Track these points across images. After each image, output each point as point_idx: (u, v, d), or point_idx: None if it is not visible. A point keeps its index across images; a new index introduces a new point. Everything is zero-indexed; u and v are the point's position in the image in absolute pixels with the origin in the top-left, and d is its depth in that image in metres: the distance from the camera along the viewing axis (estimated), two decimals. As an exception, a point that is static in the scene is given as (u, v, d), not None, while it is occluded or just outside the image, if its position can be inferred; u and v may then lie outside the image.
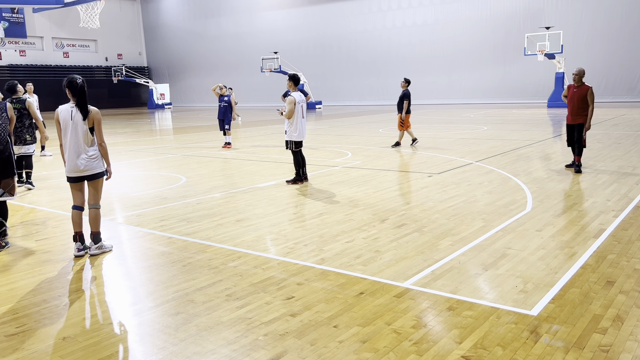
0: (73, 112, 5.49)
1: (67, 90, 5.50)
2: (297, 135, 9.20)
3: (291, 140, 9.23)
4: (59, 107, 5.56)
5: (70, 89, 5.48)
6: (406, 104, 13.54)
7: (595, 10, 32.53)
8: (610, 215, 6.55)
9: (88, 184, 5.65)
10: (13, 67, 45.13)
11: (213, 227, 6.55)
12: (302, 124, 9.26)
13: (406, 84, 13.68)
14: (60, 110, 5.53)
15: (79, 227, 5.61)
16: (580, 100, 9.42)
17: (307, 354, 3.40)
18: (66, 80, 5.53)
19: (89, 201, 5.71)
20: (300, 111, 9.18)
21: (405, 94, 13.59)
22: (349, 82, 41.83)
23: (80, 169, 5.52)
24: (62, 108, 5.53)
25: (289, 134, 9.22)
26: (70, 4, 28.71)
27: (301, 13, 44.51)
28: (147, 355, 3.47)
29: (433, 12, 38.43)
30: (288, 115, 9.05)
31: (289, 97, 9.16)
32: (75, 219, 5.61)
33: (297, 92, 9.30)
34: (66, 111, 5.51)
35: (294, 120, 9.12)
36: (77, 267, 5.28)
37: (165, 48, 54.14)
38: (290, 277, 4.77)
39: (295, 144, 9.25)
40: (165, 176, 10.63)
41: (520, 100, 35.06)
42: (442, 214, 6.82)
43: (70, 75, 5.61)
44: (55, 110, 5.60)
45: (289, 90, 9.38)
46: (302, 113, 9.24)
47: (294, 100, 9.07)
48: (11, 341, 3.73)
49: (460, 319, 3.84)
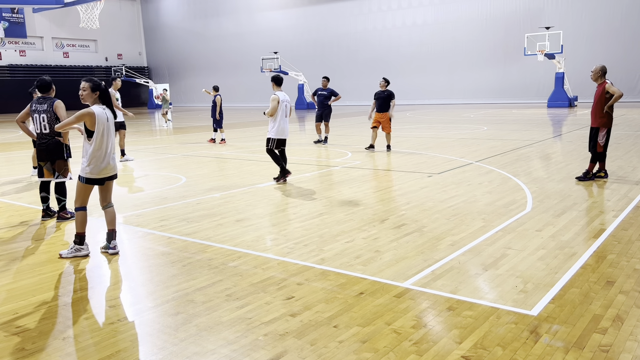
0: (108, 114, 5.52)
1: (98, 92, 5.49)
2: (278, 133, 9.38)
3: (272, 138, 9.40)
4: (94, 108, 5.43)
5: (100, 91, 5.51)
6: (393, 103, 13.18)
7: (595, 10, 32.54)
8: (610, 215, 6.55)
9: (108, 183, 5.70)
10: (13, 67, 45.11)
11: (213, 227, 6.55)
12: (285, 122, 9.43)
13: (387, 84, 13.32)
14: (97, 112, 5.41)
15: (85, 228, 5.64)
16: (597, 99, 8.60)
17: (307, 354, 3.40)
18: (97, 81, 5.53)
19: (107, 200, 5.74)
20: (283, 110, 9.33)
21: (392, 94, 13.19)
22: (349, 82, 41.78)
23: (115, 169, 5.68)
24: (98, 109, 5.43)
25: (270, 131, 9.43)
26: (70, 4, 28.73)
27: (301, 13, 44.50)
28: (147, 355, 3.47)
29: (433, 12, 38.43)
30: (270, 112, 9.23)
31: (272, 95, 9.34)
32: (85, 220, 5.62)
33: (282, 92, 9.46)
34: (102, 113, 5.46)
35: (277, 118, 9.29)
36: (77, 267, 5.28)
37: (165, 48, 54.12)
38: (290, 277, 4.77)
39: (276, 143, 9.44)
40: (165, 176, 10.62)
41: (520, 100, 35.07)
42: (442, 214, 6.82)
43: (93, 77, 5.63)
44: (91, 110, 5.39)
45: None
46: (285, 112, 9.39)
47: (277, 98, 9.24)
48: (11, 341, 3.73)
49: (460, 319, 3.84)
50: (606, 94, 8.52)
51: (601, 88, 8.57)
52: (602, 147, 8.67)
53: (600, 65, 8.61)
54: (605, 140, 8.68)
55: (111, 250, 5.65)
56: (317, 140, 15.43)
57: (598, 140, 8.67)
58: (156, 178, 10.51)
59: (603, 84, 8.55)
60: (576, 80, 30.60)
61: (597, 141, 8.67)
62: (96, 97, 5.50)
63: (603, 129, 8.67)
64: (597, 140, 8.67)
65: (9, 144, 18.55)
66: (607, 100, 8.53)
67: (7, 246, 6.08)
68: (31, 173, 10.99)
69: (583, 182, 8.62)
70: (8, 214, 7.64)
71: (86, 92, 5.47)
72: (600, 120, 8.65)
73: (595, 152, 8.72)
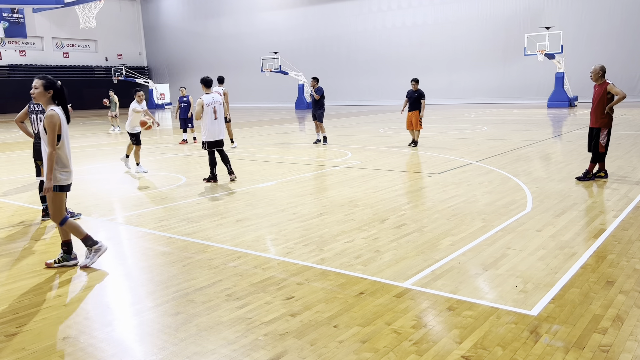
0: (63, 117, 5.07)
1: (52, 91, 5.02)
2: (209, 135, 9.61)
3: (204, 141, 9.73)
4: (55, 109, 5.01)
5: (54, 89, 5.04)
6: (423, 103, 13.91)
7: (595, 10, 32.54)
8: (610, 215, 6.55)
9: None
10: (13, 67, 45.13)
11: (213, 227, 6.55)
12: (215, 124, 9.62)
13: (417, 84, 14.04)
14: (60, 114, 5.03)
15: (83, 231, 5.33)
16: (598, 99, 8.55)
17: (307, 354, 3.40)
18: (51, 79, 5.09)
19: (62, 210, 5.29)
20: (211, 113, 9.55)
21: (422, 94, 13.95)
22: (348, 82, 41.82)
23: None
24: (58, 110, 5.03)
25: (202, 134, 9.74)
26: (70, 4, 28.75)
27: (301, 13, 44.51)
28: (147, 355, 3.47)
29: (433, 12, 38.44)
30: (196, 116, 9.58)
31: (198, 99, 9.64)
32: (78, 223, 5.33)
33: (211, 94, 9.68)
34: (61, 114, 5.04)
35: (204, 121, 9.57)
36: (76, 267, 5.28)
37: (165, 48, 54.14)
38: (290, 277, 4.77)
39: (209, 144, 9.67)
40: (165, 176, 10.63)
41: (520, 100, 35.07)
42: (442, 214, 6.82)
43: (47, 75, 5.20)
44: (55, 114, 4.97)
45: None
46: (214, 114, 9.58)
47: (202, 102, 9.50)
48: (11, 341, 3.73)
49: (460, 319, 3.84)
50: (608, 94, 8.48)
51: (602, 88, 8.52)
52: (603, 147, 8.65)
53: (600, 65, 8.58)
54: (606, 141, 8.68)
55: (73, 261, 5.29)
56: (316, 141, 15.46)
57: (599, 141, 8.63)
58: (156, 178, 10.51)
59: (604, 85, 8.51)
60: (576, 80, 30.60)
61: (599, 142, 8.64)
62: (49, 96, 5.03)
63: (604, 129, 8.64)
64: (598, 140, 8.65)
65: (9, 144, 18.55)
66: (608, 101, 8.50)
67: (7, 246, 6.08)
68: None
69: (583, 182, 8.61)
70: (8, 214, 7.65)
71: (38, 91, 4.99)
72: (602, 120, 8.61)
73: (596, 153, 8.69)
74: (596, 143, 8.67)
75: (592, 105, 8.77)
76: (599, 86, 8.58)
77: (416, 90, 13.94)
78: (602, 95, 8.52)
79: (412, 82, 14.11)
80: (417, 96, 13.89)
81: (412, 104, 13.97)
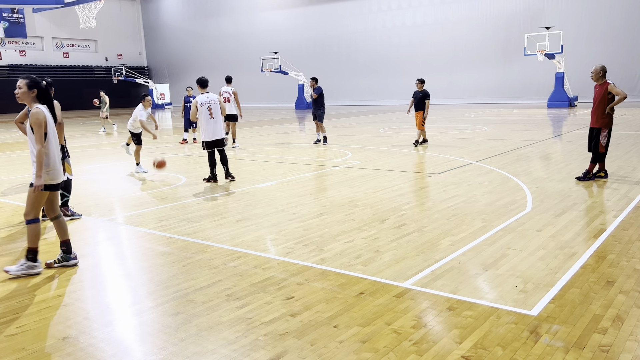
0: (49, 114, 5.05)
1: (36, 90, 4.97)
2: (206, 135, 9.65)
3: (203, 141, 9.79)
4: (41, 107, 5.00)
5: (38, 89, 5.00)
6: (428, 103, 14.03)
7: (595, 10, 32.54)
8: (610, 215, 6.55)
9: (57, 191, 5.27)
10: (13, 67, 45.14)
11: (213, 227, 6.55)
12: (210, 124, 9.63)
13: (422, 84, 14.14)
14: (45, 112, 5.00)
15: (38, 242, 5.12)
16: (599, 99, 8.52)
17: (307, 354, 3.40)
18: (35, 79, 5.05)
19: (56, 210, 5.29)
20: (206, 112, 9.55)
21: (427, 94, 14.03)
22: (348, 82, 41.82)
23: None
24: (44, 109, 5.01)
25: (201, 134, 9.78)
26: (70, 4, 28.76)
27: (301, 13, 44.51)
28: (147, 355, 3.47)
29: (433, 12, 38.44)
30: (191, 117, 9.66)
31: (193, 99, 9.78)
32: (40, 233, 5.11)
33: (206, 94, 9.71)
34: (47, 112, 5.00)
35: (200, 121, 9.62)
36: (77, 267, 5.28)
37: (165, 48, 54.13)
38: (290, 277, 4.77)
39: (207, 145, 9.71)
40: (165, 176, 10.63)
41: (520, 100, 35.07)
42: (442, 214, 6.82)
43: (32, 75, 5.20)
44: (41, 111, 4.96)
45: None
46: (209, 114, 9.58)
47: (196, 102, 9.54)
48: (11, 341, 3.73)
49: (460, 319, 3.84)
50: (608, 94, 8.47)
51: (602, 89, 8.50)
52: (604, 147, 8.64)
53: (601, 65, 8.56)
54: (607, 141, 8.67)
55: (73, 261, 5.29)
56: (316, 141, 15.47)
57: (600, 141, 8.62)
58: (156, 178, 10.51)
59: (605, 85, 8.48)
60: (576, 80, 30.60)
61: (599, 142, 8.63)
62: (34, 95, 4.99)
63: (605, 129, 8.63)
64: (598, 140, 8.64)
65: (9, 144, 18.56)
66: (609, 101, 8.48)
67: (7, 246, 6.08)
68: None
69: (583, 182, 8.61)
70: (8, 214, 7.65)
71: (22, 90, 4.96)
72: (602, 121, 8.60)
73: (596, 153, 8.68)
74: (596, 143, 8.67)
75: (592, 106, 8.75)
76: (600, 86, 8.56)
77: (421, 90, 14.03)
78: (603, 96, 8.50)
79: (417, 82, 14.20)
80: (421, 96, 13.98)
81: (417, 104, 14.12)
